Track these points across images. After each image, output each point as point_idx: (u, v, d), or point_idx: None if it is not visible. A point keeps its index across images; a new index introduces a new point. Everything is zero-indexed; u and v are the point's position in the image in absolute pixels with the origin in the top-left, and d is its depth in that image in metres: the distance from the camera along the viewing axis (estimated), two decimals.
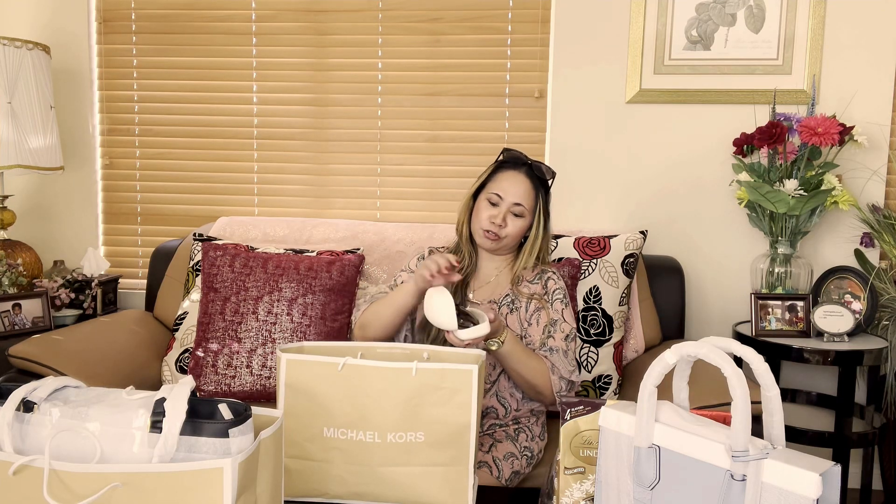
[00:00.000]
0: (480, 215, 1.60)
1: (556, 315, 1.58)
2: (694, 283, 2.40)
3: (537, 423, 1.67)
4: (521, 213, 1.58)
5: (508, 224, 1.58)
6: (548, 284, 1.62)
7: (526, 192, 1.58)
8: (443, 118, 2.50)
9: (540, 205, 1.61)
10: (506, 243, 1.61)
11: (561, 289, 1.62)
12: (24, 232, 2.62)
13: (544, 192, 1.63)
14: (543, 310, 1.58)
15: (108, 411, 0.71)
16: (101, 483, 0.69)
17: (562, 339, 1.56)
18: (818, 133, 2.05)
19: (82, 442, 0.71)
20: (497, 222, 1.56)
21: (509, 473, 1.53)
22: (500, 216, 1.57)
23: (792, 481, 0.73)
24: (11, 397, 0.72)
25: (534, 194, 1.60)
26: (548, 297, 1.60)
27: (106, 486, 0.68)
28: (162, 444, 0.68)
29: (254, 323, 1.97)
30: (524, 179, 1.59)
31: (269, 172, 2.58)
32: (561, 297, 1.61)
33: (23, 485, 0.70)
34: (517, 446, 1.58)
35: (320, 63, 2.52)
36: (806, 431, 2.01)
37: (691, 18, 2.32)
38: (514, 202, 1.57)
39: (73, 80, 2.59)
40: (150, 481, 0.68)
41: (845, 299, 2.11)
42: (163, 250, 2.33)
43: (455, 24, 2.45)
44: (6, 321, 2.14)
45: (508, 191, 1.58)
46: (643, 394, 0.85)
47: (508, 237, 1.59)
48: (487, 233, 1.58)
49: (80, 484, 0.69)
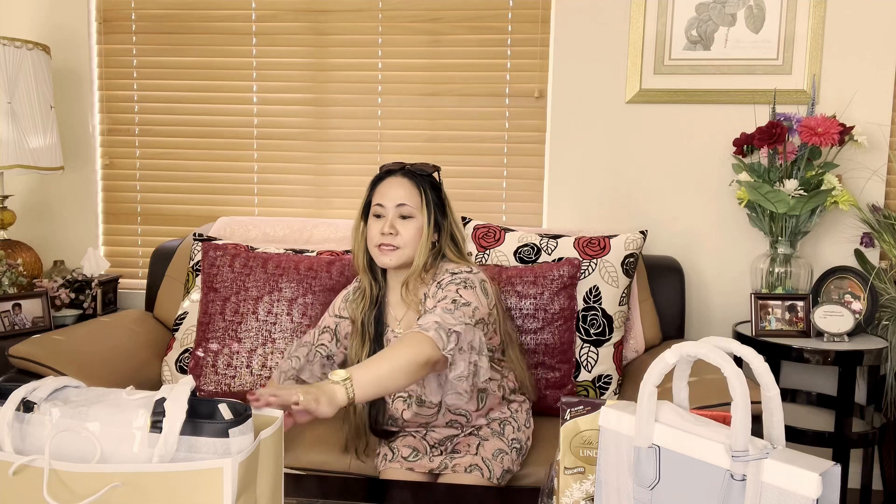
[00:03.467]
0: (371, 233, 1.52)
1: (444, 293, 1.43)
2: (694, 283, 2.40)
3: (521, 410, 1.66)
4: (410, 213, 1.51)
5: (400, 229, 1.50)
6: (441, 283, 1.47)
7: (407, 191, 1.52)
8: (443, 118, 2.50)
9: (425, 199, 1.53)
10: (406, 254, 1.51)
11: (461, 279, 1.46)
12: (24, 232, 2.62)
13: (430, 186, 1.55)
14: (432, 297, 1.45)
15: (109, 411, 0.71)
16: (101, 483, 0.68)
17: (448, 302, 1.40)
18: (818, 133, 2.05)
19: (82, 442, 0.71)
20: (386, 230, 1.49)
21: (500, 472, 1.53)
22: (388, 223, 1.50)
23: (792, 481, 0.73)
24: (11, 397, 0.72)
25: (417, 191, 1.53)
26: (439, 285, 1.47)
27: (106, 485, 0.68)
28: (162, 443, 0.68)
29: (254, 323, 1.97)
30: (402, 181, 1.54)
31: (269, 172, 2.58)
32: (458, 282, 1.45)
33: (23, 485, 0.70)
34: (505, 440, 1.57)
35: (320, 63, 2.52)
36: (806, 431, 2.01)
37: (691, 18, 2.32)
38: (396, 204, 1.51)
39: (73, 80, 2.59)
40: (150, 481, 0.68)
41: (845, 299, 2.11)
42: (163, 250, 2.33)
43: (455, 24, 2.45)
44: (6, 321, 2.14)
45: (388, 195, 1.52)
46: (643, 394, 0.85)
47: (405, 244, 1.50)
48: (382, 247, 1.50)
49: (80, 484, 0.69)
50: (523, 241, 2.09)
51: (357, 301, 1.61)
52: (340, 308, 1.67)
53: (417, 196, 1.53)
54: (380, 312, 1.60)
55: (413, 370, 1.27)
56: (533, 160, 2.47)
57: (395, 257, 1.51)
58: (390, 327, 1.59)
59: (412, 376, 1.28)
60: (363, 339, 1.58)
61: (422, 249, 1.51)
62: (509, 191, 2.50)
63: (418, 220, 1.52)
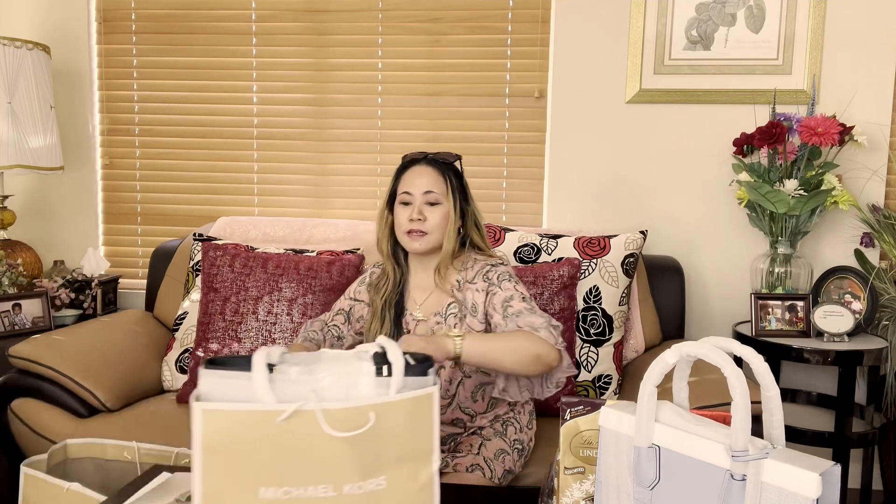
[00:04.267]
0: (399, 220, 1.57)
1: (507, 293, 1.52)
2: (694, 283, 2.40)
3: (524, 411, 1.67)
4: (436, 199, 1.56)
5: (427, 215, 1.54)
6: (489, 276, 1.56)
7: (433, 178, 1.57)
8: (443, 118, 2.50)
9: (450, 187, 1.58)
10: (434, 238, 1.56)
11: (504, 272, 1.57)
12: (24, 232, 2.63)
13: (453, 174, 1.60)
14: (495, 296, 1.54)
15: (332, 367, 0.92)
16: (359, 414, 0.89)
17: (520, 300, 1.50)
18: (818, 133, 2.05)
19: (327, 390, 0.90)
20: (415, 216, 1.54)
21: (502, 472, 1.53)
22: (416, 210, 1.54)
23: (792, 481, 0.73)
24: (256, 363, 0.88)
25: (442, 179, 1.58)
26: (493, 284, 1.55)
27: (366, 415, 0.89)
28: (395, 382, 0.91)
29: (254, 323, 1.97)
30: (428, 169, 1.58)
31: (269, 172, 2.58)
32: (507, 277, 1.56)
33: (292, 428, 0.87)
34: (507, 441, 1.58)
35: (320, 63, 2.52)
36: (806, 431, 2.01)
37: (691, 18, 2.32)
38: (423, 192, 1.56)
39: (73, 80, 2.59)
40: (393, 408, 0.90)
41: (845, 299, 2.11)
42: (163, 250, 2.33)
43: (455, 24, 2.45)
44: (6, 321, 2.14)
45: (415, 183, 1.57)
46: (643, 394, 0.85)
47: (433, 230, 1.55)
48: (411, 233, 1.55)
49: (343, 417, 0.88)
50: (523, 240, 2.09)
51: (380, 286, 1.64)
52: (357, 291, 1.70)
53: (443, 183, 1.57)
54: (400, 297, 1.64)
55: (521, 358, 1.38)
56: (533, 160, 2.47)
57: (423, 242, 1.55)
58: (409, 311, 1.62)
59: (518, 363, 1.39)
60: (382, 321, 1.61)
61: (450, 235, 1.56)
62: (509, 191, 2.50)
63: (444, 207, 1.57)
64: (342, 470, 0.90)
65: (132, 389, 1.96)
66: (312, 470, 0.89)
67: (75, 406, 1.85)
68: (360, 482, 0.91)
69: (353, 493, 0.90)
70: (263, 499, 0.88)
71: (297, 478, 0.89)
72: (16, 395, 1.86)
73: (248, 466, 0.88)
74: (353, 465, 0.90)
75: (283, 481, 0.89)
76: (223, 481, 0.88)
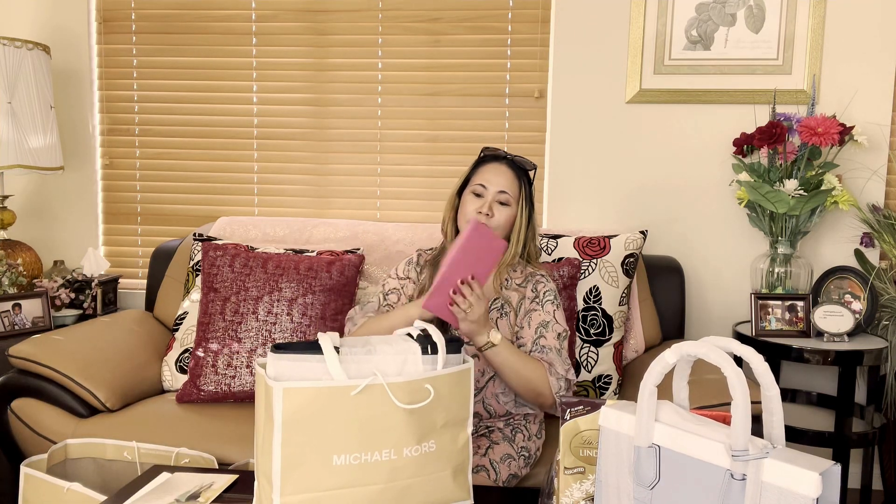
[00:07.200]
0: (467, 209, 1.60)
1: (547, 317, 1.58)
2: (694, 283, 2.40)
3: (534, 421, 1.67)
4: (507, 201, 1.59)
5: (496, 213, 1.58)
6: (537, 287, 1.61)
7: (509, 180, 1.60)
8: (443, 118, 2.50)
9: (523, 193, 1.62)
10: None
11: (551, 290, 1.62)
12: (24, 232, 2.63)
13: (526, 181, 1.64)
14: (534, 311, 1.58)
15: (385, 349, 1.06)
16: (417, 387, 1.05)
17: (554, 338, 1.56)
18: (818, 133, 2.05)
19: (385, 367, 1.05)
20: (484, 211, 1.57)
21: (506, 476, 1.53)
22: (487, 205, 1.57)
23: (792, 481, 0.73)
24: (326, 346, 1.01)
25: (517, 183, 1.61)
26: (539, 299, 1.60)
27: (422, 388, 1.05)
28: (440, 359, 1.08)
29: (254, 323, 1.97)
30: (506, 169, 1.61)
31: (269, 172, 2.58)
32: (552, 298, 1.61)
33: (361, 400, 1.01)
34: (514, 447, 1.58)
35: (320, 63, 2.52)
36: (806, 431, 2.01)
37: (691, 18, 2.32)
38: (498, 190, 1.58)
39: (73, 80, 2.59)
40: (442, 381, 1.08)
41: (845, 299, 2.11)
42: (163, 250, 2.33)
43: (455, 24, 2.45)
44: (6, 321, 2.14)
45: (492, 180, 1.59)
46: (643, 393, 0.85)
47: (496, 227, 1.59)
48: None
49: (404, 390, 1.04)
50: None
51: (438, 260, 1.66)
52: (406, 271, 1.72)
53: (517, 187, 1.61)
54: None
55: (525, 384, 1.51)
56: (533, 160, 2.45)
57: None
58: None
59: (518, 385, 1.51)
60: None
61: (519, 238, 1.62)
62: None
63: (512, 209, 1.61)
64: (403, 436, 1.04)
65: (132, 389, 1.96)
66: (379, 437, 1.03)
67: (75, 406, 1.85)
68: (416, 445, 1.06)
69: (410, 455, 1.06)
70: (337, 465, 1.01)
71: (365, 445, 1.02)
72: (16, 395, 1.86)
73: (324, 437, 1.00)
74: (412, 432, 1.05)
75: (354, 448, 1.02)
76: (302, 451, 0.99)
